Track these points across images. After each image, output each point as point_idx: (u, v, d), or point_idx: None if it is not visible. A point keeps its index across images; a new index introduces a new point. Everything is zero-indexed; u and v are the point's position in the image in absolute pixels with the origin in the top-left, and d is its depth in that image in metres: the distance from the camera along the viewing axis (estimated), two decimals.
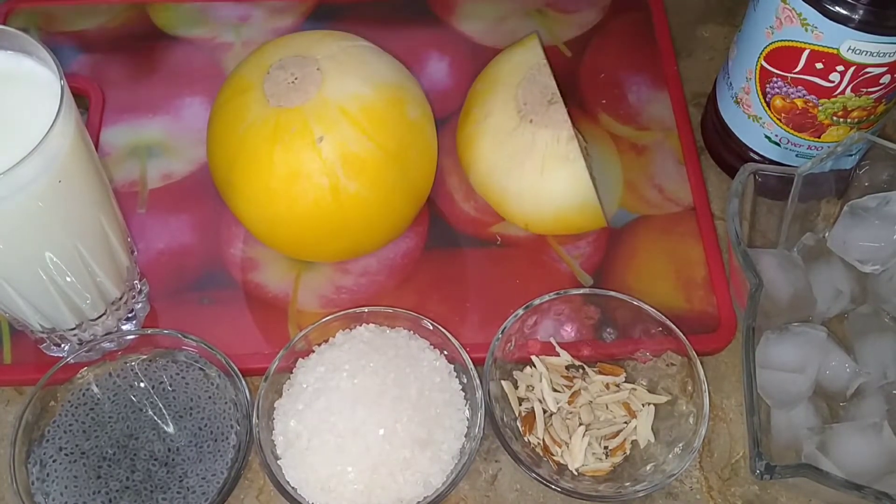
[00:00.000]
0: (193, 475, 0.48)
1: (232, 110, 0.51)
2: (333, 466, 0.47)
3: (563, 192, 0.53)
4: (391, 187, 0.51)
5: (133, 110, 0.63)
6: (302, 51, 0.51)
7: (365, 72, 0.50)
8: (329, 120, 0.49)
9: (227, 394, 0.50)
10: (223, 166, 0.51)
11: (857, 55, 0.48)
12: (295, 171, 0.49)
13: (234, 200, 0.52)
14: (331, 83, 0.49)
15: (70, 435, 0.49)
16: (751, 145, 0.57)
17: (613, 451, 0.50)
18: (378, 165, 0.50)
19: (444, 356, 0.51)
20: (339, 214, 0.50)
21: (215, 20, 0.68)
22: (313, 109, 0.49)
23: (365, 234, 0.53)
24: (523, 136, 0.53)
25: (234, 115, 0.50)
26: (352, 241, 0.53)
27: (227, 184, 0.51)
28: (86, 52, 0.66)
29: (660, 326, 0.51)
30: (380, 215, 0.52)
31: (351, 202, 0.50)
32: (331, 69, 0.50)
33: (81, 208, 0.44)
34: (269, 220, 0.51)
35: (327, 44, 0.51)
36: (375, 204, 0.51)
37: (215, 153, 0.52)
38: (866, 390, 0.51)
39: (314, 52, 0.51)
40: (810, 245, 0.56)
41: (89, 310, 0.49)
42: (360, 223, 0.51)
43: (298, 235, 0.52)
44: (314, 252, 0.55)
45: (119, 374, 0.51)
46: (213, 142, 0.52)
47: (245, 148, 0.49)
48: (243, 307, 0.56)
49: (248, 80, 0.51)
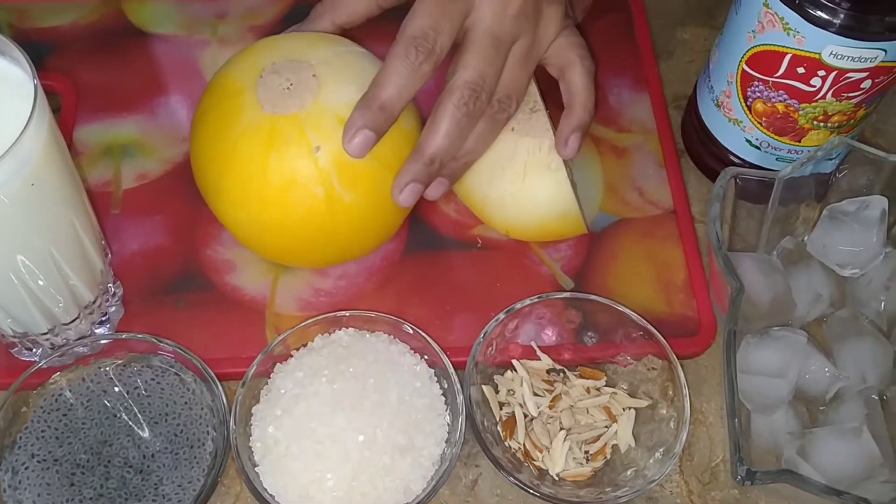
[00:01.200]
0: (169, 482, 0.47)
1: (222, 114, 0.49)
2: (312, 473, 0.46)
3: (544, 200, 0.52)
4: (385, 197, 0.50)
5: (107, 109, 0.62)
6: (295, 55, 0.50)
7: (361, 79, 0.49)
8: (326, 129, 0.48)
9: (203, 399, 0.49)
10: (212, 171, 0.50)
11: (838, 60, 0.48)
12: (290, 179, 0.48)
13: (222, 206, 0.51)
14: (327, 90, 0.49)
15: (43, 441, 0.48)
16: (731, 148, 0.57)
17: (594, 455, 0.50)
18: (373, 175, 0.49)
19: (424, 360, 0.51)
20: (331, 223, 0.50)
21: (191, 17, 0.66)
22: (310, 117, 0.48)
23: (355, 242, 0.53)
24: (505, 143, 0.52)
25: (225, 119, 0.49)
26: (341, 248, 0.53)
27: (216, 189, 0.50)
28: (59, 48, 0.65)
29: (641, 330, 0.51)
30: (372, 224, 0.52)
31: (345, 211, 0.49)
32: (326, 75, 0.49)
33: (54, 211, 0.43)
34: (260, 227, 0.50)
35: (321, 48, 0.50)
36: (368, 213, 0.51)
37: (202, 156, 0.50)
38: (845, 394, 0.51)
39: (308, 56, 0.50)
40: (790, 249, 0.56)
41: (62, 314, 0.48)
42: (351, 232, 0.51)
43: (288, 243, 0.51)
44: (300, 259, 0.55)
45: (93, 379, 0.50)
46: (201, 145, 0.50)
47: (237, 155, 0.48)
48: (219, 310, 0.55)
49: (239, 82, 0.49)
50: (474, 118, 0.50)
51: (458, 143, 0.50)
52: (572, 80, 0.54)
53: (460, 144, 0.50)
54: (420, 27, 0.48)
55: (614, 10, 0.68)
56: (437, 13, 0.48)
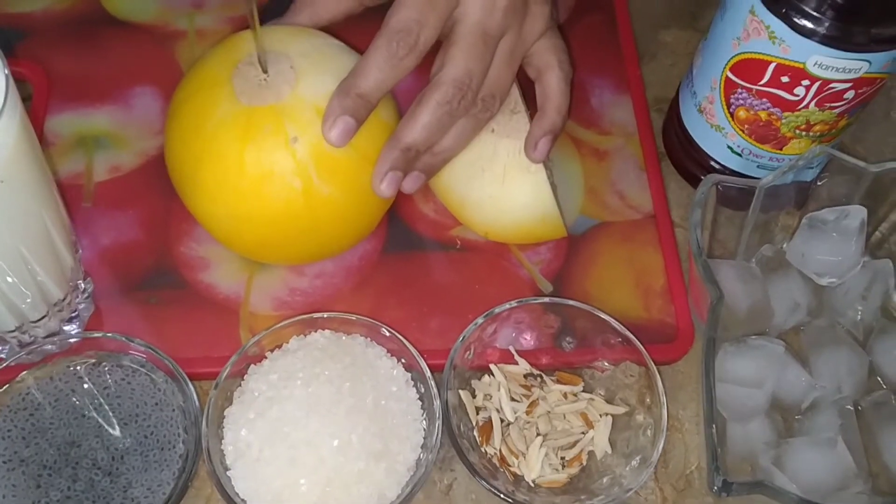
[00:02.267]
0: (138, 485, 0.46)
1: (197, 106, 0.48)
2: (285, 478, 0.45)
3: (523, 202, 0.52)
4: (364, 190, 0.49)
5: (80, 99, 0.61)
6: (272, 46, 0.49)
7: (339, 72, 0.48)
8: (304, 120, 0.47)
9: (174, 400, 0.48)
10: (186, 164, 0.49)
11: (823, 70, 0.48)
12: (267, 171, 0.47)
13: (197, 200, 0.50)
14: (305, 82, 0.48)
15: (8, 441, 0.47)
16: (712, 154, 0.57)
17: (570, 462, 0.50)
18: (352, 167, 0.49)
19: (401, 364, 0.50)
20: (309, 217, 0.49)
21: (168, 7, 0.65)
22: (287, 108, 0.47)
23: (333, 237, 0.52)
24: (485, 144, 0.52)
25: (200, 111, 0.48)
26: (319, 244, 0.52)
27: (190, 182, 0.49)
28: (30, 35, 0.63)
29: (619, 337, 0.51)
30: (350, 218, 0.51)
31: (323, 205, 0.48)
32: (304, 67, 0.48)
33: (24, 208, 0.42)
34: (235, 221, 0.49)
35: (299, 41, 0.50)
36: (347, 206, 0.50)
37: (177, 149, 0.49)
38: (821, 404, 0.51)
39: (286, 48, 0.49)
40: (769, 256, 0.56)
41: (30, 311, 0.47)
42: (329, 226, 0.50)
43: (264, 237, 0.50)
44: (277, 255, 0.54)
45: (61, 377, 0.49)
46: (175, 138, 0.49)
47: (213, 146, 0.47)
48: (192, 308, 0.54)
49: (215, 74, 0.48)
50: (456, 115, 0.49)
51: (436, 136, 0.49)
52: (549, 83, 0.53)
53: (438, 138, 0.50)
54: (405, 20, 0.47)
55: (597, 10, 0.67)
56: (424, 5, 0.47)
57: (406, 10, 0.47)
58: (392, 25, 0.47)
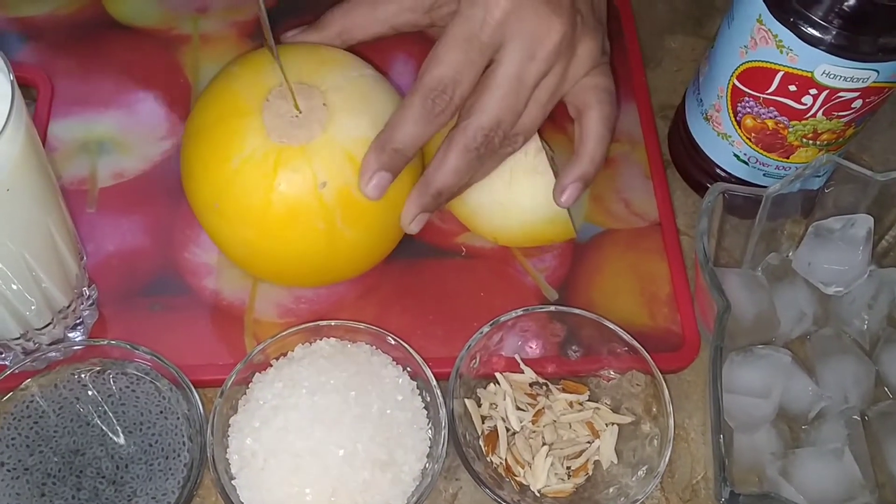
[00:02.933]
0: (143, 494, 0.46)
1: (225, 134, 0.47)
2: (290, 488, 0.45)
3: (532, 205, 0.52)
4: (386, 231, 0.50)
5: (84, 103, 0.60)
6: (305, 76, 0.48)
7: (373, 109, 0.48)
8: (334, 165, 0.47)
9: (179, 408, 0.48)
10: (208, 190, 0.48)
11: (830, 79, 0.48)
12: (293, 212, 0.47)
13: (216, 226, 0.49)
14: (338, 122, 0.47)
15: (13, 449, 0.47)
16: (719, 162, 0.57)
17: (576, 471, 0.50)
18: (377, 212, 0.49)
19: (406, 372, 0.50)
20: (329, 256, 0.49)
21: (172, 11, 0.65)
22: (318, 151, 0.46)
23: (349, 269, 0.53)
24: None
25: (227, 140, 0.47)
26: (334, 276, 0.53)
27: (210, 208, 0.48)
28: (34, 40, 0.63)
29: (626, 346, 0.51)
30: (369, 255, 0.52)
31: (345, 247, 0.49)
32: (337, 104, 0.47)
33: (29, 216, 0.42)
34: (254, 251, 0.49)
35: (333, 71, 0.49)
36: (367, 246, 0.50)
37: (199, 173, 0.48)
38: (827, 414, 0.51)
39: (318, 80, 0.48)
40: (775, 265, 0.56)
41: (34, 318, 0.47)
42: (347, 262, 0.51)
43: (282, 269, 0.51)
44: (291, 282, 0.54)
45: (65, 385, 0.49)
46: (197, 161, 0.48)
47: (239, 179, 0.46)
48: (197, 315, 0.54)
49: (244, 102, 0.47)
50: (484, 159, 0.48)
51: (465, 178, 0.49)
52: (587, 125, 0.51)
53: (467, 180, 0.49)
54: (441, 78, 0.46)
55: None
56: (461, 62, 0.46)
57: (443, 67, 0.46)
58: (427, 83, 0.46)
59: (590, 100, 0.51)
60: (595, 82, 0.51)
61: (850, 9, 0.46)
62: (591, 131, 0.51)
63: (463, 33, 0.46)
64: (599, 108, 0.51)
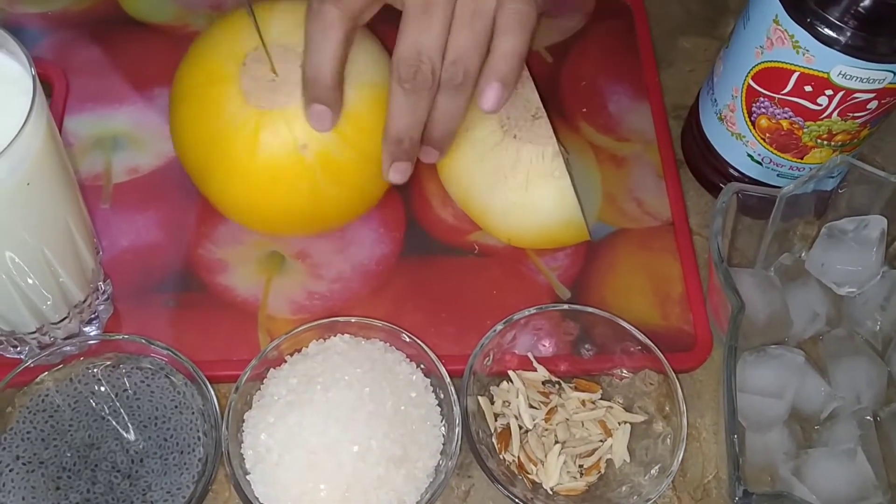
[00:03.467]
0: (158, 489, 0.46)
1: (204, 100, 0.48)
2: (305, 484, 0.45)
3: (548, 208, 0.52)
4: (369, 186, 0.52)
5: (98, 99, 0.61)
6: (283, 37, 0.48)
7: (351, 69, 0.48)
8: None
9: (194, 403, 0.48)
10: (196, 152, 0.50)
11: (846, 80, 0.48)
12: (276, 175, 0.48)
13: (208, 186, 0.51)
14: None
15: (28, 443, 0.47)
16: (732, 162, 0.57)
17: (588, 469, 0.50)
18: (358, 170, 0.50)
19: (420, 369, 0.50)
20: (316, 212, 0.51)
21: (186, 7, 0.65)
22: (297, 114, 0.47)
23: (336, 222, 0.55)
24: (507, 151, 0.52)
25: (206, 106, 0.48)
26: (322, 227, 0.55)
27: (200, 170, 0.51)
28: (49, 35, 0.63)
29: (639, 345, 0.51)
30: (353, 209, 0.54)
31: (328, 202, 0.51)
32: None
33: (49, 211, 0.42)
34: (245, 205, 0.51)
35: None
36: (350, 201, 0.52)
37: (185, 137, 0.50)
38: (840, 414, 0.51)
39: (296, 40, 0.48)
40: (787, 265, 0.56)
41: (51, 312, 0.47)
42: (334, 217, 0.53)
43: (271, 223, 0.53)
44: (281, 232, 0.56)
45: (80, 379, 0.49)
46: (182, 123, 0.50)
47: (222, 143, 0.48)
48: (211, 311, 0.54)
49: (220, 67, 0.48)
50: (423, 89, 0.47)
51: (417, 116, 0.48)
52: (497, 23, 0.47)
53: (421, 117, 0.48)
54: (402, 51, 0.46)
55: (615, 17, 0.67)
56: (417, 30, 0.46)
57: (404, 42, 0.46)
58: (396, 63, 0.46)
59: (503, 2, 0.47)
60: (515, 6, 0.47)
61: (867, 10, 0.46)
62: (499, 26, 0.47)
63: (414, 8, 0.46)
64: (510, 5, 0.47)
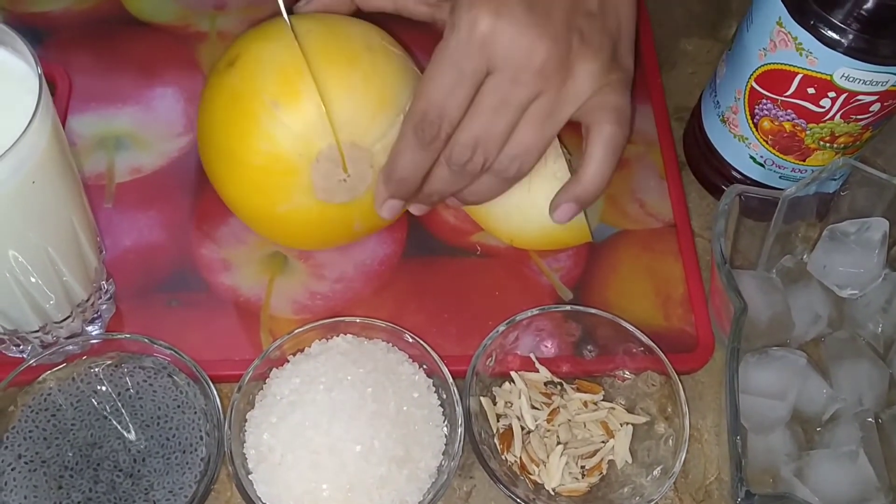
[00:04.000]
0: (160, 488, 0.46)
1: (272, 186, 0.49)
2: (307, 483, 0.45)
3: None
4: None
5: (101, 99, 0.61)
6: (356, 134, 0.48)
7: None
8: (371, 212, 0.51)
9: (196, 403, 0.48)
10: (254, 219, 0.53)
11: (849, 82, 0.48)
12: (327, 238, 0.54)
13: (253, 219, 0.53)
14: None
15: (30, 442, 0.47)
16: (734, 164, 0.57)
17: (590, 470, 0.50)
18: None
19: (422, 370, 0.50)
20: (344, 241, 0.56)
21: (189, 8, 0.65)
22: (359, 206, 0.51)
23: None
24: None
25: (274, 191, 0.49)
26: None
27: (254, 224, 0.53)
28: (52, 35, 0.63)
29: (641, 346, 0.51)
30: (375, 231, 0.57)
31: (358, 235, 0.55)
32: (383, 161, 0.49)
33: (54, 209, 0.42)
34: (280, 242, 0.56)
35: (382, 122, 0.49)
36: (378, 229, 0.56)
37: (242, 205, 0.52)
38: (841, 416, 0.51)
39: (368, 138, 0.48)
40: (789, 267, 0.56)
41: (54, 311, 0.47)
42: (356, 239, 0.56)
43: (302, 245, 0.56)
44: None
45: (83, 378, 0.49)
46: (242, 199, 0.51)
47: (285, 226, 0.51)
48: (213, 310, 0.54)
49: (290, 158, 0.47)
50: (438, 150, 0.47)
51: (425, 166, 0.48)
52: (589, 147, 0.49)
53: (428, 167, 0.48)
54: (426, 109, 0.45)
55: None
56: (445, 90, 0.45)
57: (428, 96, 0.45)
58: (415, 113, 0.46)
59: (595, 119, 0.48)
60: (603, 101, 0.48)
61: (871, 12, 0.46)
62: (592, 153, 0.49)
63: (446, 60, 0.45)
64: (602, 128, 0.48)
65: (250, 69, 0.48)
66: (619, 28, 0.49)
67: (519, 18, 0.44)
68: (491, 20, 0.44)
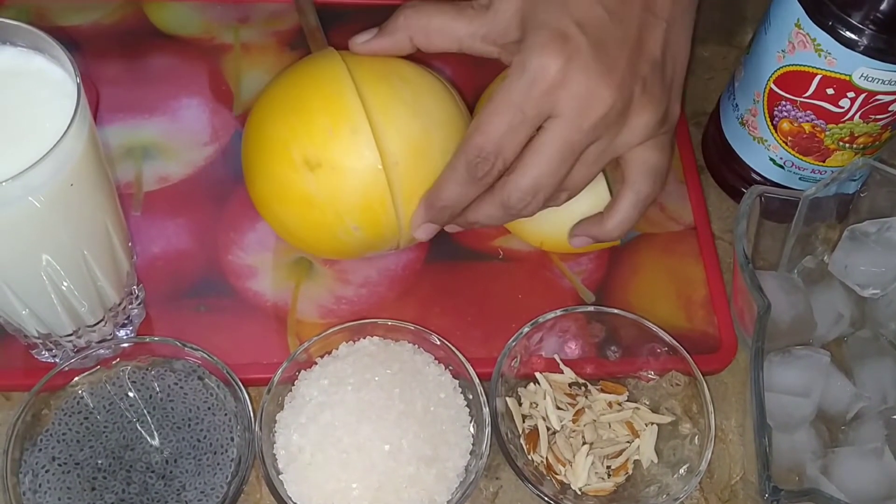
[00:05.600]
0: (192, 489, 0.47)
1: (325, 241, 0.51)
2: (337, 482, 0.46)
3: (582, 213, 0.52)
4: None
5: (128, 110, 0.62)
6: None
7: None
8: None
9: (227, 405, 0.49)
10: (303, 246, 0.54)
11: (869, 82, 0.49)
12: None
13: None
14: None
15: (63, 444, 0.47)
16: (754, 167, 0.58)
17: (616, 470, 0.50)
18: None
19: (448, 371, 0.50)
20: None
21: (213, 21, 0.66)
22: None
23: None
24: None
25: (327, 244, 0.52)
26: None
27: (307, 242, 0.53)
28: (80, 48, 0.64)
29: (665, 347, 0.51)
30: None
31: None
32: None
33: (90, 212, 0.43)
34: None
35: None
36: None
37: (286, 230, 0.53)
38: (866, 414, 0.51)
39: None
40: (810, 268, 0.56)
41: (87, 315, 0.48)
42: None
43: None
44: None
45: (114, 382, 0.49)
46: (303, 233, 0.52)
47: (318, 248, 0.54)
48: (241, 316, 0.54)
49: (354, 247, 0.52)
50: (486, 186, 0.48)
51: (469, 198, 0.48)
52: (620, 200, 0.50)
53: (471, 199, 0.49)
54: (482, 145, 0.45)
55: None
56: (505, 130, 0.45)
57: (487, 134, 0.45)
58: (471, 149, 0.46)
59: (633, 173, 0.49)
60: (645, 157, 0.48)
61: (888, 12, 0.46)
62: (620, 208, 0.50)
63: (509, 101, 0.45)
64: (638, 187, 0.49)
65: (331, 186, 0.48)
66: (674, 77, 0.49)
67: (588, 65, 0.44)
68: (561, 67, 0.44)
